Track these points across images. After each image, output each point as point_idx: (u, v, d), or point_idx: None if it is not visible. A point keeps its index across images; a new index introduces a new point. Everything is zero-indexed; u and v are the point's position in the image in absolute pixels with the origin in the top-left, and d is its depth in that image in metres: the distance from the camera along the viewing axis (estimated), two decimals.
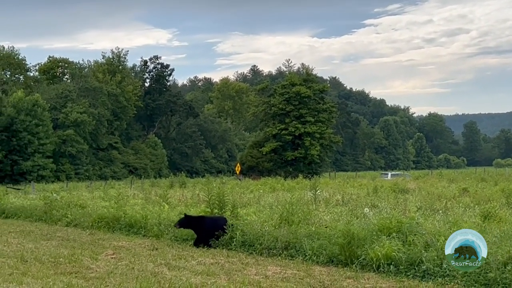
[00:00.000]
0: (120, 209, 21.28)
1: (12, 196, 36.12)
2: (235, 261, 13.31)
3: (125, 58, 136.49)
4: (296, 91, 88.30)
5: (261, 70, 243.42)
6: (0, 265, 11.89)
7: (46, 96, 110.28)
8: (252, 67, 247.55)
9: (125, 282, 10.47)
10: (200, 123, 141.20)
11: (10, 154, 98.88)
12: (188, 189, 42.80)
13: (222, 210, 18.36)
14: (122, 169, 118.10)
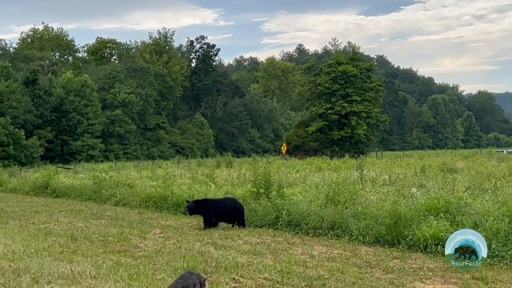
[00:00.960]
0: (167, 189, 21.51)
1: (62, 176, 36.80)
2: (281, 241, 13.34)
3: (171, 39, 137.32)
4: (342, 70, 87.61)
5: (307, 49, 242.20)
6: (51, 244, 12.12)
7: (94, 77, 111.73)
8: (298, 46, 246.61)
9: (172, 260, 10.59)
10: (246, 103, 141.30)
11: (60, 134, 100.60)
12: (234, 169, 42.96)
13: (268, 190, 18.39)
14: (169, 148, 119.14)
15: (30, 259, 9.85)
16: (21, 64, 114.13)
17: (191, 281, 2.33)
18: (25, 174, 40.69)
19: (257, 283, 8.86)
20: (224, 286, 8.59)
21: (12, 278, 8.22)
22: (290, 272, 9.76)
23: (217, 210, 15.84)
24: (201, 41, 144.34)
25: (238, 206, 16.15)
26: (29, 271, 8.78)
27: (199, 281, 2.35)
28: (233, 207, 16.03)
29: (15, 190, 32.14)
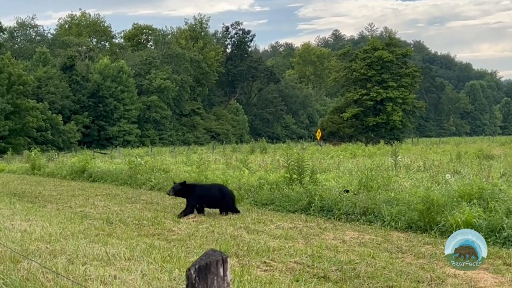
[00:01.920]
0: (201, 174, 21.73)
1: (98, 161, 37.32)
2: (313, 226, 13.42)
3: (207, 24, 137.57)
4: (378, 56, 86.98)
5: (343, 35, 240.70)
6: (87, 227, 12.37)
7: (130, 63, 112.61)
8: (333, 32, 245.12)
9: (205, 244, 10.75)
10: (281, 89, 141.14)
11: (97, 120, 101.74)
12: (268, 155, 43.10)
13: (301, 176, 18.47)
14: (205, 134, 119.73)
15: (66, 241, 10.09)
16: (59, 50, 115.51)
17: (214, 258, 2.43)
18: (62, 159, 41.35)
19: (288, 267, 8.97)
20: (255, 269, 8.70)
21: (49, 259, 8.44)
22: (321, 256, 9.84)
23: (202, 196, 15.61)
24: (237, 26, 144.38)
25: (225, 193, 15.93)
26: (65, 253, 9.00)
27: (221, 258, 2.45)
28: (221, 194, 15.80)
29: (53, 175, 32.70)
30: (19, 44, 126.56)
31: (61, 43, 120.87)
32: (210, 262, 2.42)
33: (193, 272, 2.45)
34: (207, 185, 16.86)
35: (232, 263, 9.08)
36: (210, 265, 2.42)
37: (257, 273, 8.42)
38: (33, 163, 36.44)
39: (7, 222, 12.53)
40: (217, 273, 2.43)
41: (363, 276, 8.46)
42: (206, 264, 2.43)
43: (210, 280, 2.42)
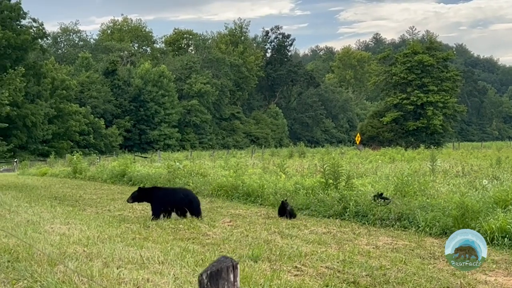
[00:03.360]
0: (238, 178, 21.88)
1: (138, 165, 37.80)
2: (347, 231, 13.48)
3: (247, 29, 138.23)
4: (418, 60, 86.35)
5: (383, 38, 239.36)
6: (124, 230, 12.62)
7: (171, 67, 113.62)
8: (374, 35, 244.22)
9: (238, 248, 10.91)
10: (320, 93, 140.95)
11: (138, 124, 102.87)
12: (307, 159, 43.11)
13: (336, 181, 18.52)
14: (244, 138, 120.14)
15: (103, 245, 10.33)
16: (101, 55, 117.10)
17: (225, 264, 2.58)
18: (103, 163, 41.98)
19: (318, 272, 9.07)
20: (286, 274, 8.83)
21: (85, 262, 8.69)
22: (352, 261, 9.92)
23: (165, 199, 15.58)
24: (276, 31, 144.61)
25: (190, 197, 15.86)
26: (101, 256, 9.24)
27: (232, 265, 2.59)
28: (185, 197, 15.74)
29: (94, 178, 33.25)
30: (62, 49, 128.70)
31: (103, 48, 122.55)
32: (221, 268, 2.57)
33: (205, 277, 2.60)
34: (170, 189, 16.91)
35: (263, 267, 9.22)
36: (221, 271, 2.57)
37: (287, 277, 8.54)
38: (74, 167, 37.09)
39: (47, 225, 12.87)
40: (228, 278, 2.57)
41: (393, 281, 8.53)
42: (217, 270, 2.57)
43: (221, 285, 2.57)
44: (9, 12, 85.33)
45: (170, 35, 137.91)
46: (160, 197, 15.54)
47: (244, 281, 7.82)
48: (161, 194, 15.77)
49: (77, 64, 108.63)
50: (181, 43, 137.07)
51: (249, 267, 9.14)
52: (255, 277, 8.20)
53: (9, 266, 8.54)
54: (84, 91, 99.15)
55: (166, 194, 15.88)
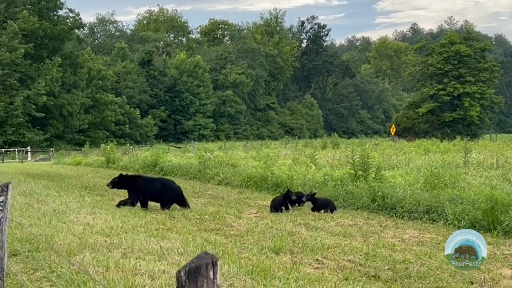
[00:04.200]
0: (268, 169, 21.79)
1: (171, 155, 37.94)
2: (374, 224, 13.30)
3: (282, 19, 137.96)
4: (455, 50, 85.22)
5: (421, 29, 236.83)
6: (149, 221, 12.61)
7: (206, 58, 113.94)
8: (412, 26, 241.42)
9: (261, 240, 10.81)
10: (356, 84, 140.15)
11: (173, 114, 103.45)
12: (340, 150, 42.80)
13: (366, 172, 18.33)
14: (279, 129, 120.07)
15: (125, 235, 10.33)
16: (137, 46, 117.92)
17: (204, 261, 2.48)
18: (137, 152, 42.23)
19: (340, 265, 8.94)
20: (306, 266, 8.71)
21: (104, 252, 8.68)
22: (375, 255, 9.76)
23: (143, 187, 15.46)
24: (312, 21, 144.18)
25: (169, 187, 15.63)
26: (121, 247, 9.23)
27: (211, 261, 2.50)
28: (163, 187, 15.53)
29: (126, 168, 33.42)
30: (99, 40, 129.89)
31: (139, 39, 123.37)
32: (200, 265, 2.48)
33: (183, 274, 2.51)
34: (150, 178, 16.64)
35: (284, 259, 9.12)
36: (200, 268, 2.48)
37: (307, 270, 8.42)
38: (108, 157, 37.38)
39: (73, 215, 12.93)
40: (207, 275, 2.48)
41: (414, 276, 8.36)
42: (196, 267, 2.48)
43: (200, 283, 2.47)
44: (46, 3, 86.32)
45: (206, 25, 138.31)
46: (137, 186, 15.47)
47: (262, 274, 7.73)
48: (138, 182, 15.68)
49: (113, 54, 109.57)
50: (216, 33, 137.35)
51: (270, 259, 9.05)
52: (273, 269, 8.10)
53: (29, 256, 8.58)
54: (120, 81, 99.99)
55: (144, 183, 15.72)
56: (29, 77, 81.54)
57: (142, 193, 15.37)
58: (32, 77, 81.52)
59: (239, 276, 7.54)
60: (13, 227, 10.24)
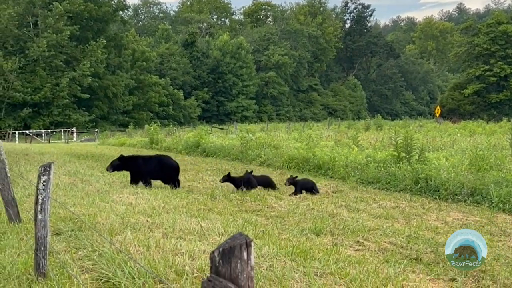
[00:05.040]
0: (309, 151, 21.71)
1: (213, 136, 38.08)
2: (416, 206, 13.15)
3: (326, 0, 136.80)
4: (502, 30, 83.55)
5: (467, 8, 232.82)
6: (190, 201, 12.67)
7: (249, 39, 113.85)
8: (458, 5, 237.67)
9: (302, 221, 10.78)
10: (401, 64, 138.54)
11: (216, 95, 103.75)
12: (384, 132, 42.43)
13: (409, 154, 18.12)
14: (322, 110, 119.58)
15: (167, 215, 10.39)
16: (181, 27, 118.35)
17: (238, 242, 2.46)
18: (179, 134, 42.48)
19: (381, 247, 8.86)
20: (347, 248, 8.66)
21: (145, 232, 8.75)
22: (418, 237, 9.65)
23: (144, 167, 15.54)
24: (356, 1, 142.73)
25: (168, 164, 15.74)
26: (162, 226, 9.28)
27: (245, 242, 2.47)
28: (163, 165, 15.64)
29: (169, 149, 33.72)
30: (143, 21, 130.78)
31: (182, 20, 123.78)
32: (234, 246, 2.46)
33: (216, 255, 2.50)
34: (148, 157, 16.52)
35: (325, 241, 9.08)
36: (234, 249, 2.46)
37: (347, 252, 8.37)
38: (151, 137, 37.73)
39: (116, 195, 13.05)
40: (241, 256, 2.46)
41: None
42: (230, 248, 2.46)
43: (234, 264, 2.45)
44: None
45: (249, 6, 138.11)
46: (138, 166, 15.58)
47: (302, 255, 7.70)
48: (139, 162, 15.74)
49: (157, 36, 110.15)
50: (259, 14, 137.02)
51: (310, 240, 9.02)
52: (313, 250, 8.07)
53: (72, 235, 8.68)
54: (163, 62, 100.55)
55: (145, 162, 15.77)
56: (75, 59, 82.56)
57: (145, 172, 15.51)
58: (77, 58, 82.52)
59: (279, 257, 7.52)
60: (57, 206, 10.38)
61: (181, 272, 6.56)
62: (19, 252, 7.76)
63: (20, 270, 6.89)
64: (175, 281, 6.34)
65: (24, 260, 7.19)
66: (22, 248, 7.94)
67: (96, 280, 6.54)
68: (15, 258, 7.43)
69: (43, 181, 6.84)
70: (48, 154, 30.00)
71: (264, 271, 6.86)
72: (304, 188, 15.03)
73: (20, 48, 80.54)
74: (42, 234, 6.77)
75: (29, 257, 7.24)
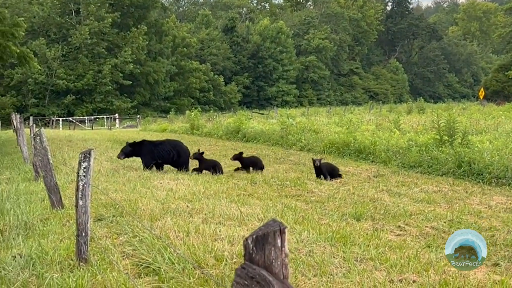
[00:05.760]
0: (350, 135, 21.57)
1: (254, 121, 38.09)
2: (459, 190, 12.97)
3: None
4: None
5: None
6: (231, 186, 12.68)
7: (289, 23, 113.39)
8: None
9: (342, 206, 10.71)
10: (443, 46, 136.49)
11: (256, 81, 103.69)
12: (426, 115, 41.91)
13: (451, 137, 17.86)
14: (363, 94, 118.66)
15: (206, 200, 10.42)
16: (221, 12, 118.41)
17: (272, 229, 2.44)
18: (220, 119, 42.60)
19: (422, 232, 8.76)
20: (388, 233, 8.58)
21: (185, 218, 8.79)
22: (460, 222, 9.51)
23: (155, 151, 15.61)
24: None
25: (181, 148, 15.90)
26: (202, 212, 9.32)
27: (279, 229, 2.45)
28: (175, 149, 15.74)
29: (210, 134, 33.84)
30: (183, 7, 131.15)
31: (222, 5, 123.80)
32: (267, 233, 2.43)
33: (250, 242, 2.48)
34: (158, 142, 16.48)
35: (365, 226, 9.00)
36: (267, 236, 2.43)
37: (388, 237, 8.29)
38: (192, 123, 37.90)
39: (157, 180, 13.15)
40: (275, 243, 2.43)
41: (500, 243, 8.10)
42: (263, 235, 2.44)
43: (268, 251, 2.43)
44: None
45: None
46: (149, 151, 15.67)
47: (342, 240, 7.66)
48: (150, 147, 15.82)
49: (197, 21, 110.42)
50: None
51: (350, 225, 8.95)
52: (354, 235, 8.01)
53: (113, 221, 8.77)
54: (204, 48, 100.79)
55: (155, 147, 15.83)
56: (116, 46, 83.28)
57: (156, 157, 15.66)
58: (119, 45, 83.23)
59: (319, 243, 7.49)
60: (99, 192, 10.50)
61: (220, 257, 6.57)
62: (61, 238, 7.86)
63: (62, 255, 6.98)
64: (214, 266, 6.35)
65: (66, 246, 7.29)
66: (65, 234, 8.04)
67: (136, 265, 6.60)
68: (57, 244, 7.53)
69: (83, 168, 6.91)
70: (91, 140, 30.37)
71: (304, 256, 6.84)
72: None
73: (63, 36, 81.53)
74: (83, 220, 6.85)
75: (71, 243, 7.33)
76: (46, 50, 76.43)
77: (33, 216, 9.46)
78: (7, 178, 14.63)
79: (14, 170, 16.19)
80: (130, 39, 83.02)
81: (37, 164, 13.36)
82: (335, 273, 6.34)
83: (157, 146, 15.89)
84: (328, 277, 6.20)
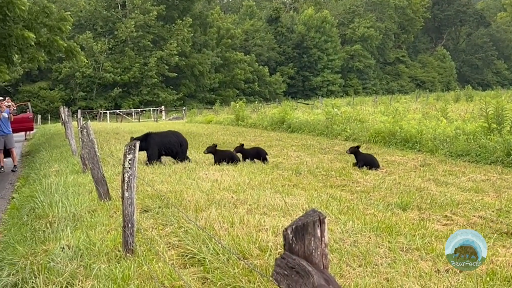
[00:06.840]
0: (396, 124, 21.35)
1: (299, 111, 37.99)
2: (508, 179, 12.74)
3: None
4: None
5: None
6: (275, 177, 12.67)
7: (334, 12, 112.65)
8: None
9: (388, 196, 10.62)
10: (492, 33, 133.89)
11: (301, 71, 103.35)
12: (474, 103, 41.25)
13: (500, 125, 17.55)
14: (409, 83, 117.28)
15: (251, 191, 10.44)
16: (265, 3, 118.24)
17: (311, 219, 2.43)
18: (265, 110, 42.61)
19: (469, 221, 8.63)
20: (434, 223, 8.48)
21: (230, 208, 8.82)
22: (509, 211, 9.35)
23: (163, 143, 15.57)
24: None
25: (182, 140, 15.91)
26: (247, 203, 9.34)
27: (318, 219, 2.44)
28: (178, 141, 15.76)
29: (255, 125, 33.88)
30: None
31: None
32: (307, 223, 2.42)
33: (290, 232, 2.47)
34: (164, 133, 16.34)
35: (411, 216, 8.92)
36: (307, 226, 2.42)
37: (435, 227, 8.19)
38: (237, 114, 37.98)
39: (202, 172, 13.22)
40: (314, 233, 2.42)
41: None
42: (303, 225, 2.43)
43: (307, 241, 2.42)
44: None
45: None
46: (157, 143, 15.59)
47: (387, 230, 7.60)
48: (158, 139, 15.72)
49: (241, 12, 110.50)
50: None
51: (396, 215, 8.87)
52: (399, 225, 7.94)
53: (159, 212, 8.87)
54: (248, 39, 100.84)
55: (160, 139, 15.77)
56: (162, 38, 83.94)
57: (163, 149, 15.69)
58: (164, 38, 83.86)
59: (364, 233, 7.45)
60: (145, 184, 10.61)
61: (264, 248, 6.59)
62: (108, 229, 7.98)
63: (109, 246, 7.09)
64: (258, 257, 6.37)
65: (113, 237, 7.40)
66: (112, 225, 8.16)
67: (181, 256, 6.66)
68: (104, 235, 7.65)
69: (128, 160, 6.99)
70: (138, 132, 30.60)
71: (348, 246, 6.81)
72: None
73: (109, 30, 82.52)
74: (129, 211, 6.93)
75: (118, 234, 7.44)
76: (93, 44, 77.48)
77: (81, 207, 9.62)
78: (56, 171, 14.90)
79: (62, 163, 16.47)
80: (175, 32, 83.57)
81: (84, 157, 13.59)
82: (380, 263, 6.30)
83: (164, 138, 15.92)
84: (373, 267, 6.17)
